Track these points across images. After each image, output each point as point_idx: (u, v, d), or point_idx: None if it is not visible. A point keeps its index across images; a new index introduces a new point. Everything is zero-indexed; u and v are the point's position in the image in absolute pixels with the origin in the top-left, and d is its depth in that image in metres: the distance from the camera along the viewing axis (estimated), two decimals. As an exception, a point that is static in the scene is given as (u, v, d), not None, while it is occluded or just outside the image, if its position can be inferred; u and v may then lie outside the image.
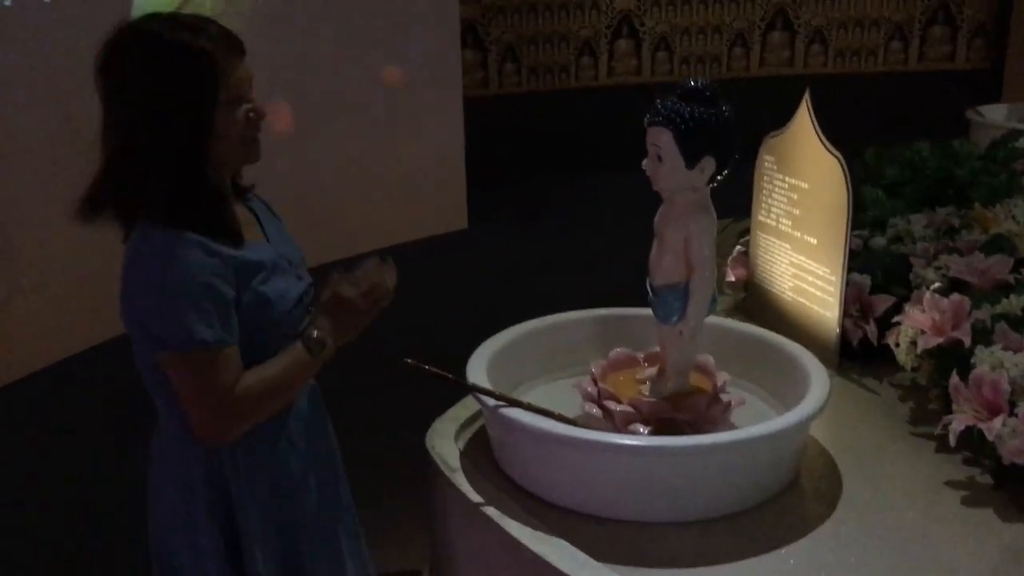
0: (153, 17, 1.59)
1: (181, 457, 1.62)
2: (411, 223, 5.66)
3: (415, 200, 5.74)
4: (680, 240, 1.63)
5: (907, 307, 1.97)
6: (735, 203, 2.26)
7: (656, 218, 1.68)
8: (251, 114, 1.60)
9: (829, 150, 2.01)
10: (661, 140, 1.58)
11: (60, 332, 4.19)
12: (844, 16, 7.32)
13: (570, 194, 6.28)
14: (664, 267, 1.67)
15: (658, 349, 1.77)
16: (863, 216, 2.57)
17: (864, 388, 2.02)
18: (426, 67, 5.68)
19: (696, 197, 1.63)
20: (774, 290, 2.25)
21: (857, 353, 2.08)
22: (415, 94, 5.65)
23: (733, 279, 2.40)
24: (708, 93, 1.58)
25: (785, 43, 7.31)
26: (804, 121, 2.08)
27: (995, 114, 4.61)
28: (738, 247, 2.40)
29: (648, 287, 1.70)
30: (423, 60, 5.65)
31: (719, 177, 1.62)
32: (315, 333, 1.63)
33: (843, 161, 1.98)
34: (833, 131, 3.68)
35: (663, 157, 1.59)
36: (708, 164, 1.58)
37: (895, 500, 1.63)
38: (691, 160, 1.58)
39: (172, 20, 1.56)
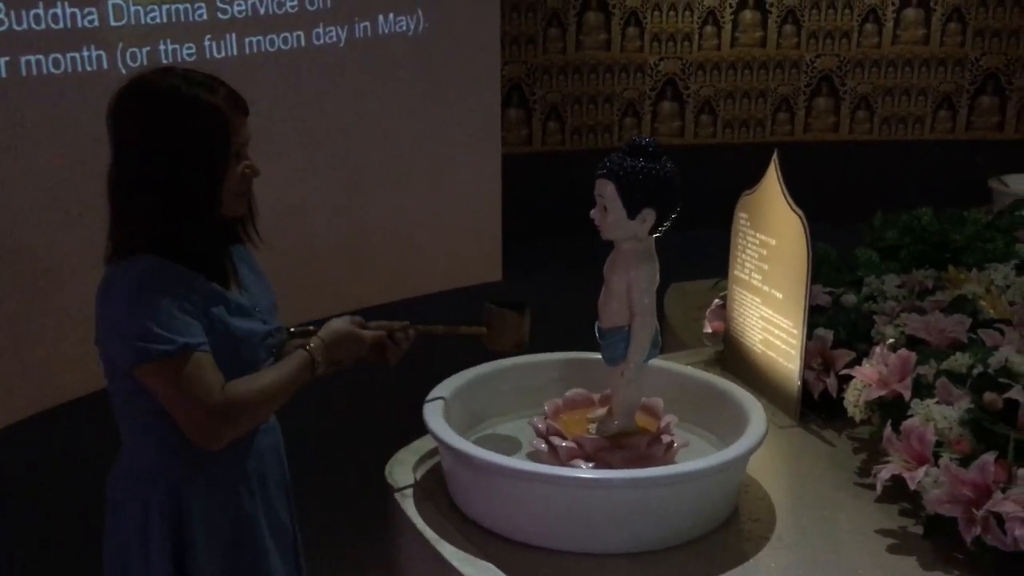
0: (166, 71, 1.73)
1: (140, 492, 1.73)
2: (446, 273, 5.81)
3: (451, 251, 5.90)
4: (624, 286, 1.73)
5: (864, 361, 2.02)
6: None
7: (605, 264, 1.78)
8: (247, 170, 1.74)
9: (793, 208, 2.09)
10: (605, 191, 1.69)
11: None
12: (891, 84, 7.36)
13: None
14: (610, 311, 1.76)
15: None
16: (851, 275, 2.63)
17: (821, 440, 2.06)
18: (468, 123, 5.86)
19: (640, 246, 1.72)
20: (746, 342, 2.31)
21: (819, 405, 2.14)
22: (457, 149, 5.84)
23: (710, 331, 2.47)
24: (651, 149, 1.69)
25: (830, 109, 7.36)
26: (772, 180, 2.16)
27: (1020, 183, 4.59)
28: (716, 300, 2.48)
29: (596, 330, 1.79)
30: (466, 117, 5.84)
31: (661, 228, 1.71)
32: (312, 345, 1.78)
33: (804, 219, 2.05)
34: (874, 198, 3.74)
35: (607, 207, 1.69)
36: (649, 215, 1.68)
37: (822, 544, 1.68)
38: (632, 211, 1.67)
39: (186, 77, 1.70)
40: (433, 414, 1.79)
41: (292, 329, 1.91)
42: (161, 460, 1.73)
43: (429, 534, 1.66)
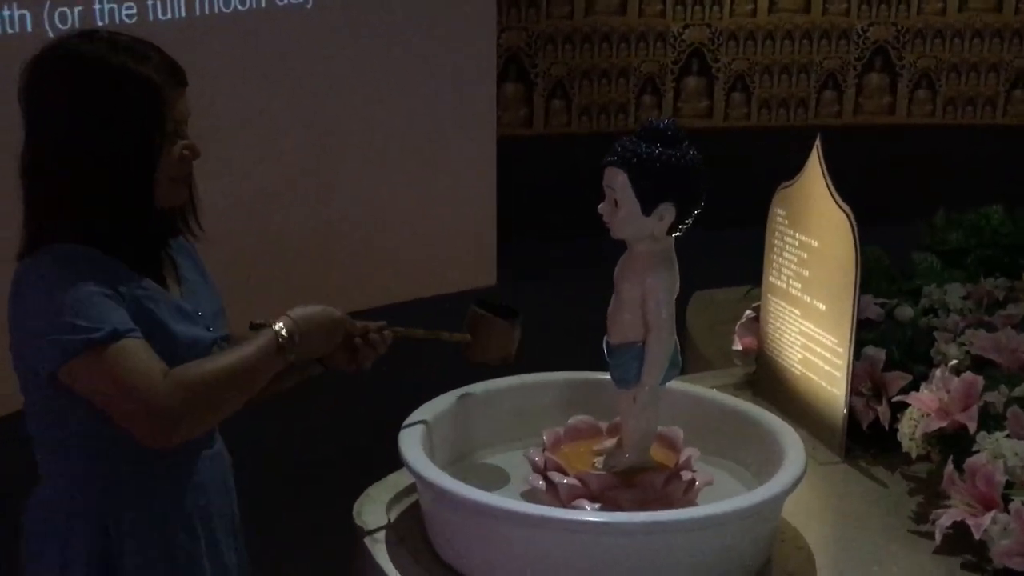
0: (90, 36, 1.74)
1: (61, 529, 1.73)
2: (431, 277, 5.81)
3: (437, 250, 5.89)
4: (637, 295, 1.73)
5: (922, 386, 2.03)
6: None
7: (616, 269, 1.78)
8: (185, 152, 1.74)
9: (839, 204, 2.09)
10: (616, 182, 1.69)
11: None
12: (957, 59, 7.39)
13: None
14: (621, 324, 1.76)
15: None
16: (907, 284, 2.63)
17: (872, 479, 2.07)
18: (458, 101, 5.87)
19: (657, 247, 1.72)
20: (783, 362, 2.31)
21: (869, 438, 2.14)
22: (444, 131, 5.84)
23: (740, 348, 2.47)
24: (671, 133, 1.69)
25: (885, 87, 7.39)
26: (815, 171, 2.16)
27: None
28: (748, 312, 2.48)
29: (605, 346, 1.79)
30: (455, 93, 5.83)
31: (682, 226, 1.71)
32: (278, 324, 1.73)
33: (852, 217, 2.05)
34: (936, 192, 3.76)
35: (618, 201, 1.69)
36: (667, 211, 1.68)
37: (869, 603, 1.68)
38: (648, 205, 1.67)
39: (112, 43, 1.70)
40: (411, 443, 1.79)
41: (254, 321, 1.84)
42: (86, 495, 1.73)
43: (404, 586, 1.66)
